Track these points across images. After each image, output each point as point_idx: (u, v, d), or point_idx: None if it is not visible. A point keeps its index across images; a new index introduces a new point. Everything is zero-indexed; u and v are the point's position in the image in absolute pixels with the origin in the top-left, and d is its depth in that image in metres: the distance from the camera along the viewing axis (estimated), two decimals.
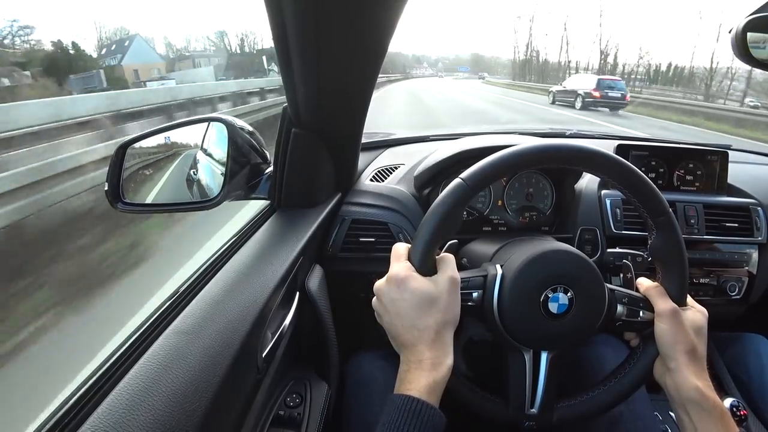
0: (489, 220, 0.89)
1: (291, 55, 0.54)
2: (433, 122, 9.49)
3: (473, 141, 0.86)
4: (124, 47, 30.80)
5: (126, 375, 0.36)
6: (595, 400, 0.51)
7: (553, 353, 0.50)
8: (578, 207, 0.87)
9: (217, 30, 52.94)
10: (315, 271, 0.72)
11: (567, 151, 0.48)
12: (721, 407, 0.45)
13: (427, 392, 0.40)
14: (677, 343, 0.46)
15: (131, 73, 28.65)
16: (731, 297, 0.91)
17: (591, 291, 0.48)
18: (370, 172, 0.95)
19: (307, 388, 0.63)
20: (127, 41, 31.59)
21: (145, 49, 31.53)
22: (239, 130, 0.62)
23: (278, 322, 0.57)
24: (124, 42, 31.74)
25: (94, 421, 0.31)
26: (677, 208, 0.89)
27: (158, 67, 31.52)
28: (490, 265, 0.52)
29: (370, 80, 0.63)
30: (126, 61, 29.70)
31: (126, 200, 0.59)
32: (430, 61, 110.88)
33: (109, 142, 4.30)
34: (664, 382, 0.48)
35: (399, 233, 0.82)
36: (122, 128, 4.92)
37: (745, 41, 0.63)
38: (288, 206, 0.73)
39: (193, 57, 42.64)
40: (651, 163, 0.97)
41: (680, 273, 0.49)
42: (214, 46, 46.74)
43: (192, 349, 0.40)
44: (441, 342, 0.44)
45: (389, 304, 0.45)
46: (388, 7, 0.49)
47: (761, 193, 0.95)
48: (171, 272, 2.34)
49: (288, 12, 0.47)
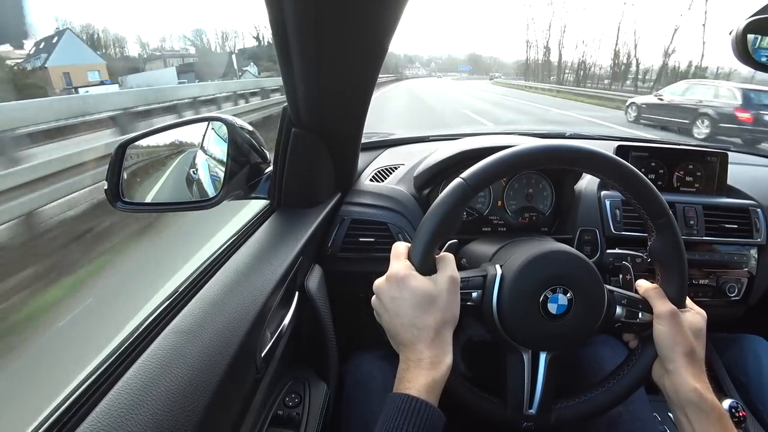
0: (489, 220, 0.89)
1: (291, 55, 0.54)
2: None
3: (473, 141, 0.86)
4: (52, 45, 24.16)
5: (125, 374, 0.36)
6: (594, 401, 0.51)
7: (552, 354, 0.50)
8: (578, 208, 0.88)
9: (195, 28, 50.92)
10: (314, 271, 0.72)
11: (567, 152, 0.48)
12: (719, 409, 0.45)
13: (426, 391, 0.40)
14: (676, 344, 0.46)
15: (59, 77, 22.81)
16: (730, 298, 0.91)
17: (590, 292, 0.48)
18: (370, 172, 0.95)
19: (306, 388, 0.63)
20: (56, 37, 24.96)
21: (78, 48, 25.41)
22: (239, 130, 0.62)
23: (277, 321, 0.57)
24: (52, 39, 24.90)
25: (93, 421, 0.31)
26: (677, 210, 0.89)
27: (98, 69, 25.99)
28: (490, 266, 0.52)
29: (371, 80, 0.63)
30: (53, 62, 23.06)
31: (125, 199, 0.59)
32: (422, 61, 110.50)
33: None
34: (662, 384, 0.48)
35: (399, 233, 0.82)
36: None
37: (746, 43, 0.63)
38: (288, 206, 0.73)
39: (165, 57, 40.23)
40: (651, 164, 0.97)
41: (679, 275, 0.49)
42: (193, 45, 45.35)
43: (191, 349, 0.40)
44: (440, 341, 0.44)
45: (389, 303, 0.45)
46: (388, 7, 0.49)
47: (761, 195, 0.95)
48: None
49: (288, 11, 0.47)
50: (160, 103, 6.07)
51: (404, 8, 0.50)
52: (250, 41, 52.50)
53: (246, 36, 55.27)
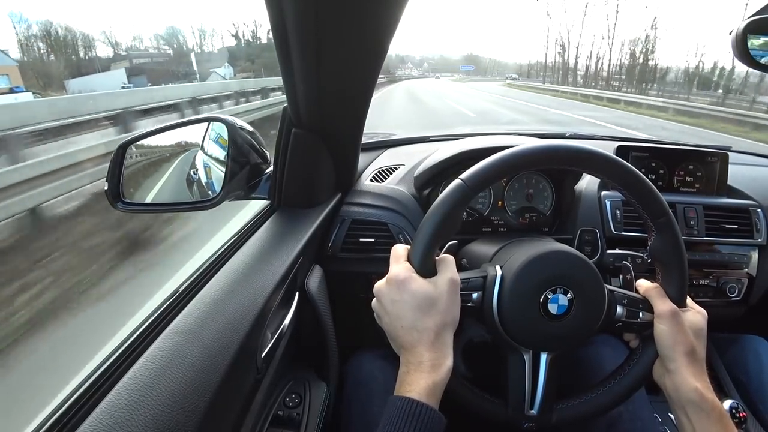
0: (489, 220, 0.89)
1: (291, 55, 0.54)
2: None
3: (473, 141, 0.86)
4: None
5: (125, 374, 0.36)
6: (595, 401, 0.51)
7: (553, 354, 0.50)
8: (578, 208, 0.88)
9: (169, 26, 47.99)
10: (315, 271, 0.72)
11: (566, 152, 0.48)
12: (720, 408, 0.45)
13: (427, 394, 0.40)
14: (677, 344, 0.46)
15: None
16: (731, 298, 0.91)
17: (590, 292, 0.48)
18: (370, 172, 0.95)
19: (306, 388, 0.63)
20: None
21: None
22: (239, 130, 0.62)
23: (278, 322, 0.57)
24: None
25: (93, 421, 0.31)
26: (677, 210, 0.89)
27: (7, 72, 22.69)
28: (490, 266, 0.52)
29: (371, 80, 0.63)
30: None
31: (126, 200, 0.59)
32: (414, 61, 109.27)
33: None
34: (663, 383, 0.48)
35: (399, 234, 0.82)
36: None
37: (746, 43, 0.63)
38: (288, 206, 0.73)
39: (131, 57, 38.03)
40: (651, 164, 0.97)
41: (680, 274, 0.49)
42: (167, 45, 42.56)
43: (191, 349, 0.40)
44: (441, 344, 0.44)
45: (389, 306, 0.45)
46: (388, 7, 0.49)
47: (761, 195, 0.95)
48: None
49: (288, 11, 0.47)
50: (70, 118, 4.20)
51: (404, 8, 0.50)
52: (230, 40, 50.09)
53: (225, 34, 52.64)
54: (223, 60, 25.33)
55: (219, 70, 22.24)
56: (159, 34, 45.09)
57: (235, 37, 50.91)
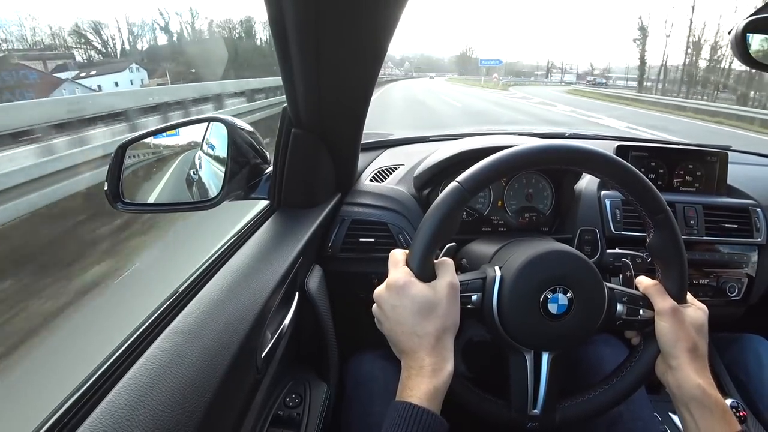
0: (489, 220, 0.89)
1: (291, 55, 0.54)
2: None
3: (473, 141, 0.86)
4: None
5: (125, 375, 0.36)
6: (598, 399, 0.51)
7: (554, 353, 0.50)
8: (578, 207, 0.88)
9: (93, 20, 36.93)
10: (315, 271, 0.72)
11: (564, 152, 0.48)
12: (723, 405, 0.45)
13: (428, 399, 0.41)
14: (678, 340, 0.46)
15: None
16: (731, 298, 0.91)
17: (590, 291, 0.48)
18: (370, 172, 0.95)
19: (306, 389, 0.63)
20: None
21: None
22: (239, 130, 0.62)
23: (278, 322, 0.57)
24: None
25: (93, 421, 0.31)
26: (677, 209, 0.89)
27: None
28: (489, 267, 0.52)
29: (370, 80, 0.63)
30: None
31: (126, 200, 0.59)
32: (394, 60, 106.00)
33: None
34: (665, 380, 0.48)
35: (399, 234, 0.82)
36: None
37: (745, 42, 0.63)
38: (288, 206, 0.73)
39: (44, 59, 30.56)
40: (651, 163, 0.97)
41: (679, 271, 0.49)
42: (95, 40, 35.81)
43: (191, 349, 0.39)
44: (441, 348, 0.44)
45: (389, 311, 0.45)
46: (387, 7, 0.49)
47: (761, 194, 0.95)
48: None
49: (288, 11, 0.47)
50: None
51: (404, 8, 0.50)
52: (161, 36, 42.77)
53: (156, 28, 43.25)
54: (129, 60, 18.22)
55: (123, 74, 15.55)
56: (83, 28, 33.68)
57: (164, 29, 41.22)
